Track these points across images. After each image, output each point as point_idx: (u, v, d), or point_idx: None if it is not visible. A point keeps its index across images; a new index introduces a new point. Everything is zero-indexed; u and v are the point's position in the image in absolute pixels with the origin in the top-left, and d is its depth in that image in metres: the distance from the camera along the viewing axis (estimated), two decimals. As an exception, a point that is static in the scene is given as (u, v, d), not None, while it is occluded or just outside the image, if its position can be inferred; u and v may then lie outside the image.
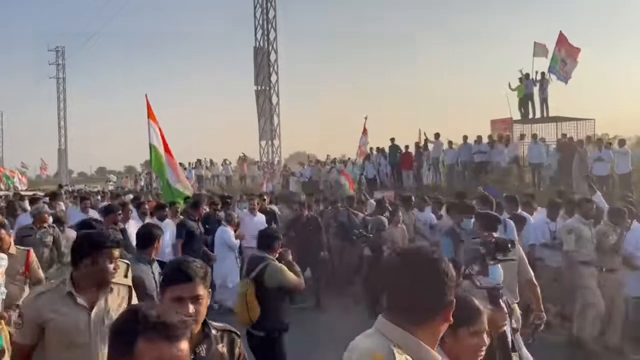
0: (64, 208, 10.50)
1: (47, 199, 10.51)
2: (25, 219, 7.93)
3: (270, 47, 28.37)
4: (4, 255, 3.93)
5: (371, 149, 20.69)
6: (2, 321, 3.87)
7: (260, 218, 9.14)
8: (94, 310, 2.79)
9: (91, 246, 2.79)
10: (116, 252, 2.84)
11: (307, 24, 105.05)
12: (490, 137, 17.92)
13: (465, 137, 17.94)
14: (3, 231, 4.59)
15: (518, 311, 4.48)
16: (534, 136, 17.49)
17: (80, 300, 2.76)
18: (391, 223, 8.02)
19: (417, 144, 19.22)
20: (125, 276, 3.22)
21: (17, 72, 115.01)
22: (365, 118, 13.47)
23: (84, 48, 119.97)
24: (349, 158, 21.93)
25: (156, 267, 4.34)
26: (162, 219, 7.92)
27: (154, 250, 4.42)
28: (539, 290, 4.65)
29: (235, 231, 8.33)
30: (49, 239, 6.28)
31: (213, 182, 26.29)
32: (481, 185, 14.63)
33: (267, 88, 28.09)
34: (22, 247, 4.91)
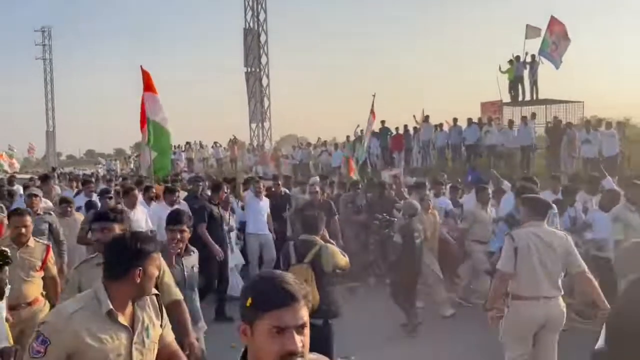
0: (59, 191, 10.34)
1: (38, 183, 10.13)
2: (19, 205, 7.49)
3: (260, 29, 28.13)
4: None
5: (362, 130, 20.71)
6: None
7: (266, 202, 8.66)
8: (136, 331, 2.32)
9: (139, 254, 2.28)
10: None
11: (297, 6, 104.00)
12: (480, 119, 18.02)
13: (455, 120, 18.04)
14: (28, 219, 4.26)
15: (562, 304, 4.13)
16: (524, 118, 17.63)
17: (121, 319, 2.26)
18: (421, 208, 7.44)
19: (405, 127, 19.30)
20: None
21: (2, 53, 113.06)
22: (374, 96, 12.69)
23: (71, 28, 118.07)
24: (347, 136, 21.87)
25: (189, 261, 3.96)
26: (172, 204, 7.40)
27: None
28: (596, 284, 4.10)
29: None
30: (44, 227, 5.81)
31: (204, 164, 26.23)
32: (470, 168, 14.77)
33: (257, 70, 27.90)
34: (42, 241, 4.56)
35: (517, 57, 18.09)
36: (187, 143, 27.36)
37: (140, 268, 2.26)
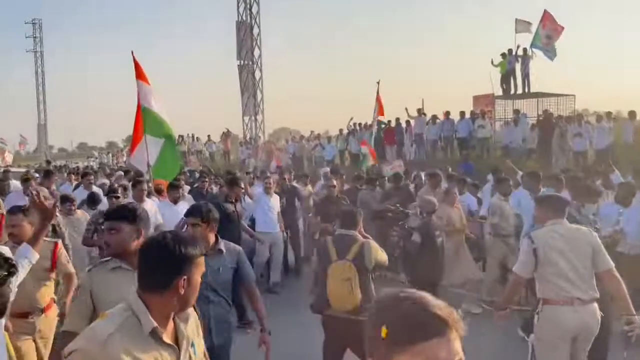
0: (53, 187, 10.10)
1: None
2: (16, 199, 7.03)
3: (253, 21, 27.99)
4: (31, 251, 3.08)
5: (355, 124, 20.77)
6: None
7: (276, 199, 8.24)
8: (182, 349, 1.96)
9: (184, 259, 1.89)
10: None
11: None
12: (472, 112, 18.09)
13: (447, 113, 18.11)
14: (21, 217, 3.84)
15: (598, 311, 3.78)
16: (516, 112, 17.72)
17: (165, 337, 1.88)
18: (444, 202, 7.03)
19: (397, 120, 19.33)
20: None
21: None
22: (378, 83, 12.43)
23: (62, 20, 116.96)
24: (340, 130, 21.85)
25: (215, 262, 3.46)
26: (175, 200, 7.12)
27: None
28: (623, 286, 3.73)
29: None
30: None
31: (197, 158, 26.18)
32: (461, 161, 14.84)
33: (250, 63, 27.78)
34: (48, 238, 4.06)
35: (510, 51, 18.14)
36: (180, 136, 27.28)
37: (186, 277, 1.89)
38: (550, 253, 3.76)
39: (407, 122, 19.26)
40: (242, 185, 7.49)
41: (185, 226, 3.67)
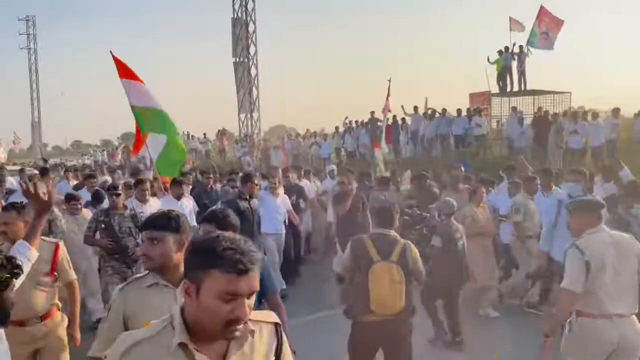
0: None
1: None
2: (15, 197, 6.83)
3: (249, 18, 27.92)
4: (29, 248, 2.84)
5: (350, 121, 20.75)
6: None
7: (284, 200, 7.94)
8: None
9: (235, 262, 1.47)
10: None
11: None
12: (469, 109, 18.11)
13: (444, 110, 18.12)
14: (14, 214, 3.53)
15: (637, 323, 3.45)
16: (514, 109, 17.74)
17: (199, 356, 1.55)
18: (471, 202, 6.71)
19: (394, 117, 19.32)
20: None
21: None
22: (389, 80, 12.27)
23: (56, 17, 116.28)
24: (335, 127, 21.84)
25: None
26: (179, 197, 7.01)
27: None
28: None
29: None
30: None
31: (192, 156, 26.08)
32: (459, 159, 14.84)
33: (246, 60, 27.72)
34: (49, 239, 3.81)
35: (506, 48, 18.16)
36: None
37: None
38: (601, 266, 3.41)
39: (403, 119, 19.25)
40: (257, 182, 7.19)
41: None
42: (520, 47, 17.87)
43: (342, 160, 20.07)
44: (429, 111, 18.49)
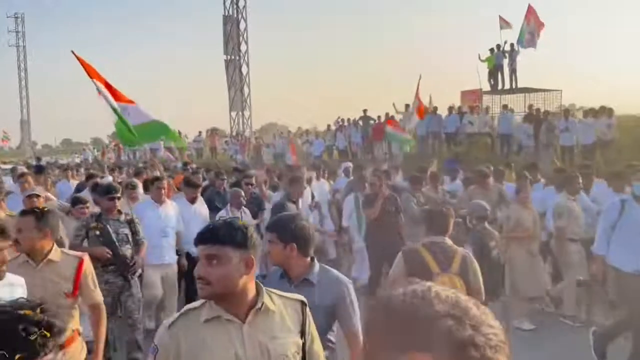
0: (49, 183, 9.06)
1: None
2: (13, 203, 5.86)
3: (240, 16, 27.80)
4: (19, 280, 2.54)
5: (342, 119, 20.71)
6: None
7: (305, 201, 7.27)
8: (245, 324, 1.86)
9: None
10: None
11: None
12: (460, 107, 18.12)
13: (435, 108, 18.10)
14: (32, 221, 3.01)
15: None
16: (504, 107, 17.77)
17: (228, 316, 1.85)
18: (515, 201, 6.19)
19: (387, 115, 19.30)
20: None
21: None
22: (420, 77, 12.04)
23: (45, 15, 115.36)
24: (327, 125, 21.79)
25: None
26: (193, 200, 6.46)
27: None
28: None
29: None
30: None
31: (183, 154, 25.96)
32: (451, 157, 14.84)
33: (237, 58, 27.61)
34: (72, 252, 3.32)
35: (498, 46, 18.21)
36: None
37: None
38: None
39: (392, 117, 19.19)
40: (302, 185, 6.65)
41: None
42: (512, 45, 17.94)
43: (332, 158, 20.04)
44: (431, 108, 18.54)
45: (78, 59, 7.02)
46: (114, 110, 7.04)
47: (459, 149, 17.00)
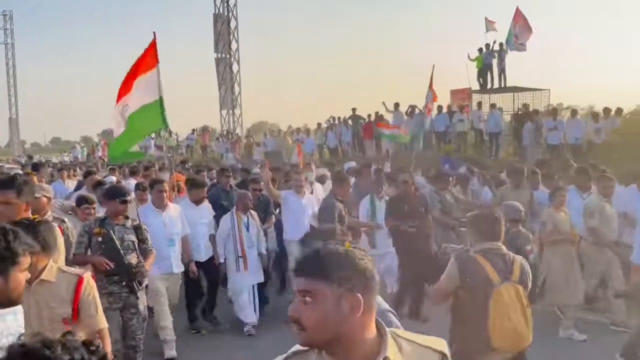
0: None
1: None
2: None
3: (230, 14, 27.75)
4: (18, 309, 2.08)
5: (333, 118, 20.77)
6: None
7: (309, 200, 6.89)
8: None
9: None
10: None
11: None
12: (449, 106, 18.25)
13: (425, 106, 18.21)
14: (12, 194, 2.83)
15: None
16: (492, 105, 17.92)
17: None
18: (551, 204, 5.80)
19: (377, 114, 19.38)
20: None
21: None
22: (433, 66, 11.00)
23: (33, 12, 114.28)
24: (318, 124, 21.79)
25: None
26: (199, 202, 6.10)
27: None
28: None
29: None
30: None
31: (174, 152, 25.89)
32: (442, 155, 14.94)
33: (228, 56, 27.56)
34: (70, 269, 2.78)
35: (487, 45, 18.35)
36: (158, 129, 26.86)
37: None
38: None
39: (381, 116, 19.24)
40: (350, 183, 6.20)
41: None
42: (501, 44, 18.09)
43: (324, 157, 20.09)
44: (409, 109, 18.59)
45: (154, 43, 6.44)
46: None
47: (448, 147, 17.13)
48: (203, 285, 6.28)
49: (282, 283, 7.33)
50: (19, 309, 2.09)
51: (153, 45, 6.44)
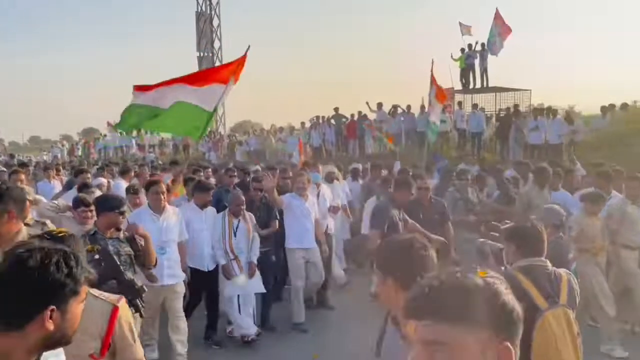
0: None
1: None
2: None
3: (213, 12, 27.56)
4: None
5: (317, 117, 20.75)
6: None
7: (312, 203, 6.44)
8: None
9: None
10: None
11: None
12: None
13: (408, 107, 18.31)
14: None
15: None
16: (474, 106, 18.09)
17: None
18: (583, 210, 5.38)
19: (360, 113, 19.40)
20: None
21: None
22: (432, 61, 10.46)
23: (11, 9, 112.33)
24: (301, 123, 21.78)
25: None
26: (204, 205, 5.71)
27: None
28: None
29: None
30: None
31: (154, 151, 25.71)
32: (430, 154, 14.98)
33: (210, 54, 27.38)
34: (104, 296, 2.24)
35: (469, 46, 18.51)
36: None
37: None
38: None
39: (365, 115, 19.29)
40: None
41: None
42: (483, 44, 18.25)
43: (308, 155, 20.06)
44: (392, 108, 18.68)
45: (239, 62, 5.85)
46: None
47: (431, 147, 17.21)
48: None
49: (276, 293, 6.80)
50: (61, 350, 1.74)
51: (243, 61, 5.85)
